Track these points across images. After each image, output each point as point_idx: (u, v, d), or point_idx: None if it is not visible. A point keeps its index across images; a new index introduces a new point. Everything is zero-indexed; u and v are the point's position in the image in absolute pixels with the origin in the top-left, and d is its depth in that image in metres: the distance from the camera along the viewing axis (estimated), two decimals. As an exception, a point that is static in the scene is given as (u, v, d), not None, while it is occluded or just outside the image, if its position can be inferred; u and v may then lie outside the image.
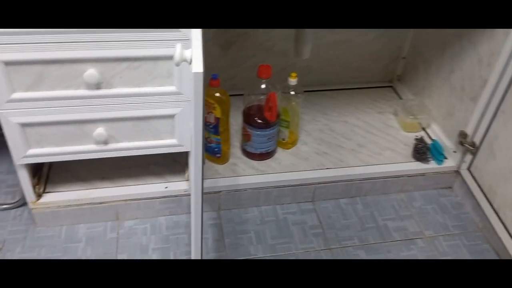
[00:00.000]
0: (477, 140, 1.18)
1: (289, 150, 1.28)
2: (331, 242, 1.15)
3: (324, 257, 1.11)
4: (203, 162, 1.09)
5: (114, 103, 0.94)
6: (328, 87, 1.53)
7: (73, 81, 0.89)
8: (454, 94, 1.26)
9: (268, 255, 1.11)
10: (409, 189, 1.29)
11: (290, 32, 1.31)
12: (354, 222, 1.20)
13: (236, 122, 1.29)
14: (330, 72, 1.51)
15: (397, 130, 1.37)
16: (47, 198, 1.10)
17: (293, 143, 1.29)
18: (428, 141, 1.31)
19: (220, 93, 1.10)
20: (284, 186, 1.20)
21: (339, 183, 1.22)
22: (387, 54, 1.51)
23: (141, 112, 0.96)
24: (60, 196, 1.10)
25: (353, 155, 1.28)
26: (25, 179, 1.03)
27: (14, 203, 1.15)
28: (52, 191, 1.11)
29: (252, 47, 1.39)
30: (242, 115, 1.19)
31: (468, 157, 1.22)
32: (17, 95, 0.88)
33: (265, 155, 1.23)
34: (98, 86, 0.90)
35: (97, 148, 1.00)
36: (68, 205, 1.10)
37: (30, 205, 1.08)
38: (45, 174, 1.14)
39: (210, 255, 1.10)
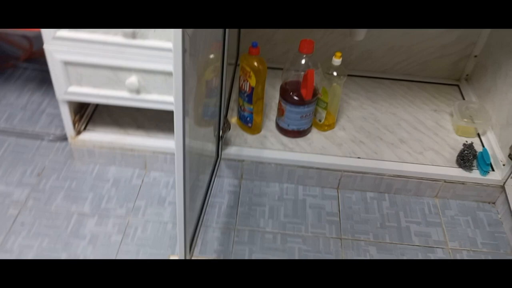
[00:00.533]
0: (528, 156, 1.06)
1: (325, 133, 1.24)
2: (344, 232, 1.12)
3: (332, 246, 1.08)
4: (224, 128, 1.10)
5: (147, 54, 0.98)
6: (388, 75, 1.45)
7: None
8: (516, 103, 1.14)
9: (276, 231, 1.11)
10: (445, 196, 1.20)
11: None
12: (374, 218, 1.15)
13: (277, 95, 1.28)
14: (393, 61, 1.43)
15: (448, 132, 1.27)
16: (85, 136, 1.18)
17: (330, 126, 1.25)
18: (479, 149, 1.20)
19: (257, 61, 1.09)
20: (309, 168, 1.17)
21: (367, 175, 1.17)
22: (458, 50, 1.39)
23: (171, 67, 0.98)
24: (97, 137, 1.18)
25: (390, 149, 1.21)
26: (66, 115, 1.12)
27: (60, 136, 1.26)
28: (92, 130, 1.20)
29: (310, 23, 1.36)
30: (279, 89, 1.18)
31: (517, 173, 1.11)
32: (61, 33, 0.95)
33: (297, 133, 1.21)
34: (134, 35, 0.95)
35: (129, 96, 1.05)
36: (102, 146, 1.18)
37: (69, 140, 1.18)
38: (89, 115, 1.23)
39: (220, 219, 1.12)
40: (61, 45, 0.97)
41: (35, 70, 1.50)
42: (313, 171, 1.18)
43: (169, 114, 1.14)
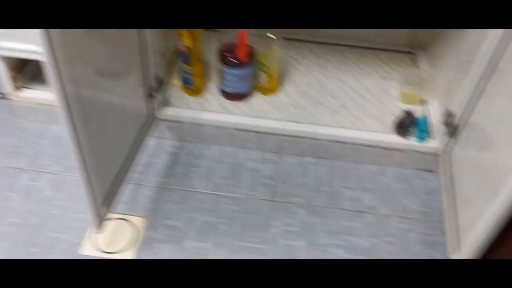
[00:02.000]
0: (461, 123, 1.05)
1: (267, 97, 1.24)
2: (278, 195, 1.12)
3: (263, 208, 1.09)
4: (155, 87, 1.09)
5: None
6: (343, 41, 1.43)
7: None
8: (457, 69, 1.12)
9: (209, 191, 1.12)
10: (384, 163, 1.19)
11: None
12: (309, 182, 1.16)
13: (222, 58, 1.27)
14: (348, 27, 1.41)
15: (393, 100, 1.26)
16: (27, 93, 1.19)
17: (273, 90, 1.24)
18: (420, 117, 1.19)
19: (190, 22, 1.08)
20: (247, 131, 1.18)
21: (304, 139, 1.17)
22: (413, 17, 1.36)
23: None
24: (39, 94, 1.19)
25: (330, 115, 1.20)
26: (2, 70, 1.13)
27: (3, 93, 1.27)
28: (34, 88, 1.21)
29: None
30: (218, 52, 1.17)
31: (451, 141, 1.09)
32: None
33: (237, 96, 1.21)
34: None
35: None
36: (44, 103, 1.19)
37: (10, 97, 1.19)
38: (30, 72, 1.23)
39: (155, 179, 1.14)
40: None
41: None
42: (252, 135, 1.18)
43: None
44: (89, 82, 0.77)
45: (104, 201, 0.90)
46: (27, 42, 1.05)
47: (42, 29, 0.59)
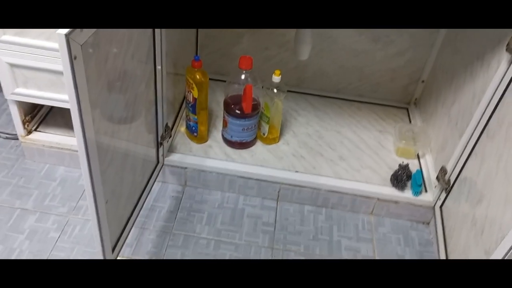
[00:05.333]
0: (453, 178, 1.11)
1: (269, 146, 1.29)
2: (277, 242, 1.16)
3: (263, 255, 1.12)
4: (164, 135, 1.14)
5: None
6: (341, 95, 1.50)
7: (54, 34, 0.99)
8: (449, 127, 1.18)
9: (211, 237, 1.15)
10: (380, 213, 1.24)
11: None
12: (308, 230, 1.19)
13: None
14: (345, 81, 1.48)
15: (388, 153, 1.32)
16: (36, 135, 1.23)
17: (275, 139, 1.30)
18: (414, 171, 1.25)
19: (199, 74, 1.14)
20: (248, 178, 1.22)
21: (304, 188, 1.22)
22: (407, 74, 1.44)
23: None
24: (47, 137, 1.23)
25: (329, 165, 1.25)
26: (15, 114, 1.17)
27: (12, 134, 1.31)
28: (43, 131, 1.25)
29: (265, 40, 1.41)
30: (223, 102, 1.23)
31: (443, 194, 1.15)
32: (6, 37, 1.01)
33: (240, 145, 1.26)
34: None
35: (74, 100, 1.10)
36: (51, 146, 1.23)
37: (20, 139, 1.23)
38: (42, 116, 1.28)
39: (158, 223, 1.16)
40: (7, 48, 1.03)
41: None
42: (252, 182, 1.23)
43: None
44: (107, 130, 0.81)
45: (114, 247, 0.92)
46: (43, 90, 1.10)
47: (70, 80, 0.64)
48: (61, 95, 1.10)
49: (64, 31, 0.59)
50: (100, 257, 0.87)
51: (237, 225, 1.18)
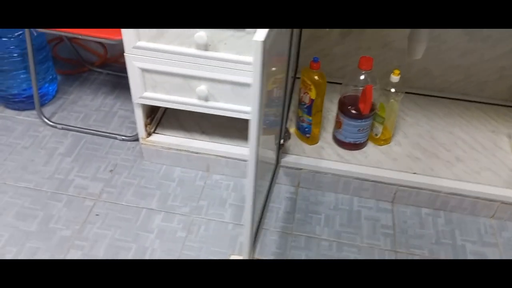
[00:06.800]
0: None
1: (380, 147, 1.28)
2: (399, 245, 1.14)
3: (387, 258, 1.11)
4: (285, 137, 1.16)
5: (217, 65, 1.05)
6: (446, 94, 1.47)
7: (186, 40, 1.02)
8: None
9: (332, 239, 1.15)
10: (502, 217, 1.20)
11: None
12: (429, 234, 1.17)
13: (334, 108, 1.32)
14: (451, 80, 1.45)
15: (506, 154, 1.27)
16: (155, 137, 1.27)
17: (386, 141, 1.28)
18: (538, 172, 1.20)
19: (318, 76, 1.14)
20: (364, 180, 1.21)
21: (423, 191, 1.19)
22: (518, 72, 1.39)
23: (238, 78, 1.06)
24: (165, 139, 1.27)
25: (447, 167, 1.22)
26: (139, 117, 1.21)
27: (131, 136, 1.36)
28: (160, 133, 1.29)
29: (368, 40, 1.40)
30: (338, 102, 1.23)
31: None
32: (141, 43, 1.05)
33: (353, 146, 1.25)
34: (206, 47, 1.02)
35: (198, 103, 1.13)
36: (170, 147, 1.26)
37: (141, 140, 1.27)
38: (158, 118, 1.32)
39: (278, 223, 1.17)
40: (140, 54, 1.07)
41: (109, 75, 1.62)
42: (368, 184, 1.21)
43: (231, 120, 1.22)
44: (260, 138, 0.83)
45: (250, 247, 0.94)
46: (170, 93, 1.13)
47: (257, 96, 0.65)
48: (187, 98, 1.13)
49: (261, 37, 0.60)
50: (235, 257, 0.88)
51: (355, 227, 1.18)
